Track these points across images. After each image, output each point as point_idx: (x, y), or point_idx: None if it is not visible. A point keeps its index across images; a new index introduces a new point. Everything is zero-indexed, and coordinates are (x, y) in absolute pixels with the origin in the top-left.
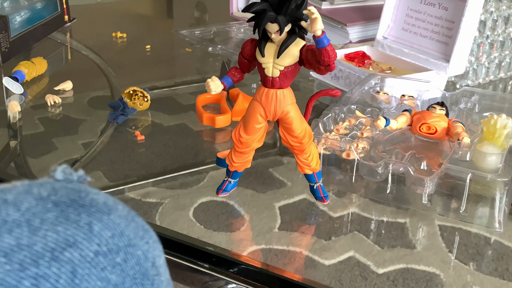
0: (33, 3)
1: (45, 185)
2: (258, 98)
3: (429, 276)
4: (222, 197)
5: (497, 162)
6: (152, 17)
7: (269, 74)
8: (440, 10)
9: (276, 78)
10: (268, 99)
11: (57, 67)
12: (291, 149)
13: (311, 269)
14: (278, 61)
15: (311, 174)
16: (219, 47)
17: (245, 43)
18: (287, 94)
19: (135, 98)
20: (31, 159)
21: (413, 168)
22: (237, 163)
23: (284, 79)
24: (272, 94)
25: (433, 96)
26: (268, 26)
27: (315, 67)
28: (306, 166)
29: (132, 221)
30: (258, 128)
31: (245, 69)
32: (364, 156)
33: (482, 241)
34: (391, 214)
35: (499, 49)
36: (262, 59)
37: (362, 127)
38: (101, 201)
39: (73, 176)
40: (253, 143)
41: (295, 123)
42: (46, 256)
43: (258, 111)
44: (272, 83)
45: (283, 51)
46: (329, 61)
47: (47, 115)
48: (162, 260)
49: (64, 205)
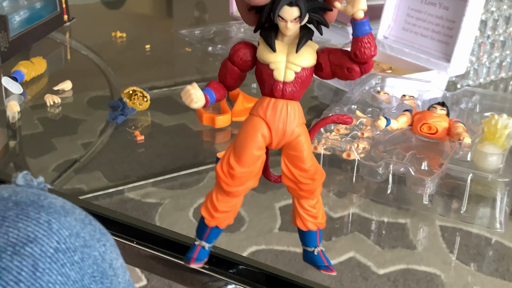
0: (32, 2)
1: (7, 188)
2: (261, 112)
3: (430, 277)
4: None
5: (498, 163)
6: (152, 16)
7: (280, 77)
8: (441, 9)
9: (290, 83)
10: (276, 114)
11: (56, 67)
12: (293, 191)
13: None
14: (294, 59)
15: (313, 232)
16: (219, 47)
17: (235, 47)
18: (300, 109)
19: (134, 98)
20: (31, 159)
21: (413, 168)
22: (220, 213)
23: (298, 86)
24: (281, 106)
25: (433, 96)
26: (285, 11)
27: (342, 69)
28: (310, 217)
29: (89, 224)
30: (258, 157)
31: (232, 82)
32: (365, 156)
33: (483, 241)
34: (391, 215)
35: (500, 49)
36: (272, 57)
37: (362, 127)
38: (59, 204)
39: (33, 182)
40: (249, 180)
41: (306, 150)
42: (8, 250)
43: (261, 130)
44: (283, 90)
45: (304, 43)
46: (371, 53)
47: (46, 115)
48: (119, 263)
49: (24, 204)
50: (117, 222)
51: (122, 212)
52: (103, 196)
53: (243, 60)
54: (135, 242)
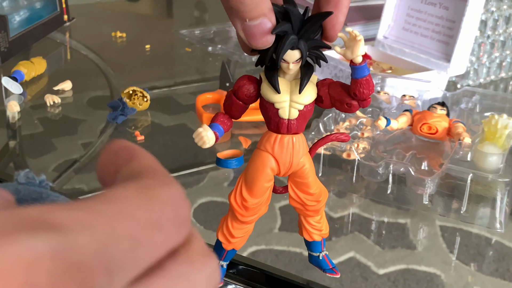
0: (32, 2)
1: (8, 187)
2: (268, 147)
3: (430, 277)
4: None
5: (498, 163)
6: (152, 16)
7: (285, 116)
8: (441, 9)
9: (294, 120)
10: (283, 148)
11: (56, 67)
12: (301, 211)
13: (311, 270)
14: (297, 98)
15: (318, 242)
16: (219, 47)
17: (240, 81)
18: (304, 141)
19: (134, 98)
20: (31, 159)
21: (414, 169)
22: (236, 238)
23: (302, 121)
24: (287, 141)
25: (434, 96)
26: (287, 54)
27: (342, 104)
28: (316, 231)
29: None
30: (267, 188)
31: (237, 114)
32: (365, 157)
33: (483, 241)
34: (391, 215)
35: (500, 49)
36: (276, 97)
37: (362, 127)
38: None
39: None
40: (261, 208)
41: (311, 177)
42: None
43: (269, 164)
44: (288, 127)
45: (305, 84)
46: (369, 92)
47: (46, 115)
48: None
49: (26, 203)
50: None
51: None
52: None
53: (247, 96)
54: None
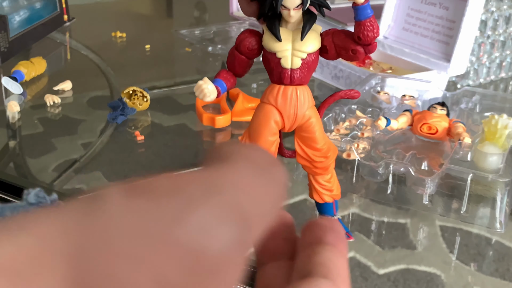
0: (32, 2)
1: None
2: (272, 100)
3: (430, 277)
4: None
5: (498, 163)
6: (152, 16)
7: (288, 65)
8: (441, 9)
9: (297, 70)
10: (287, 100)
11: (56, 67)
12: (309, 169)
13: None
14: (300, 46)
15: (330, 203)
16: (219, 47)
17: (241, 36)
18: (309, 92)
19: (134, 98)
20: (30, 159)
21: (414, 169)
22: None
23: (306, 71)
24: (291, 92)
25: (434, 96)
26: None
27: (347, 51)
28: (326, 191)
29: None
30: (272, 142)
31: (240, 70)
32: (365, 157)
33: (483, 241)
34: (391, 215)
35: (500, 49)
36: (278, 46)
37: (362, 127)
38: None
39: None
40: None
41: (318, 131)
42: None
43: (273, 117)
44: (291, 77)
45: (307, 30)
46: (374, 35)
47: (46, 115)
48: None
49: None
50: None
51: None
52: None
53: (249, 49)
54: None
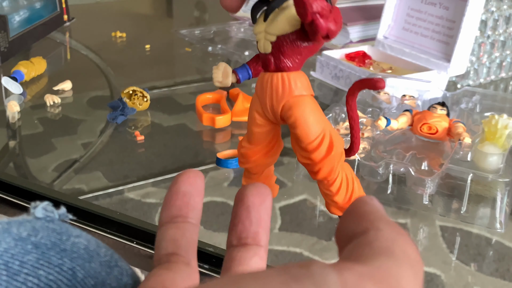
0: (32, 2)
1: (25, 224)
2: (256, 87)
3: (430, 277)
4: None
5: (498, 163)
6: (152, 16)
7: (261, 49)
8: (441, 9)
9: (270, 55)
10: (262, 88)
11: (56, 67)
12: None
13: None
14: (268, 28)
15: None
16: (219, 47)
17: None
18: (290, 80)
19: (134, 98)
20: (30, 159)
21: (414, 169)
22: None
23: (280, 55)
24: (266, 79)
25: (434, 96)
26: None
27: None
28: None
29: (115, 267)
30: (260, 133)
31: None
32: (365, 157)
33: (483, 241)
34: (392, 215)
35: (500, 49)
36: (255, 28)
37: (362, 127)
38: (82, 246)
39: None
40: (258, 157)
41: (301, 126)
42: None
43: (255, 108)
44: (265, 63)
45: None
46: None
47: (46, 115)
48: None
49: (45, 247)
50: (117, 222)
51: (122, 212)
52: (103, 196)
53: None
54: (135, 242)
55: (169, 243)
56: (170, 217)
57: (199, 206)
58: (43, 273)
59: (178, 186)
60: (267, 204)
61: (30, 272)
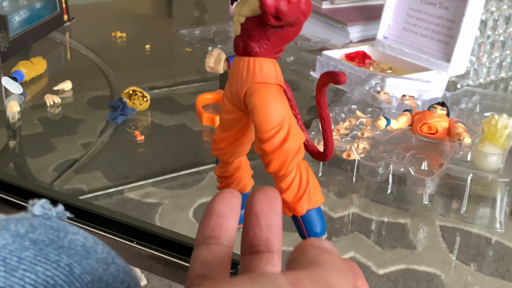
0: (32, 2)
1: (23, 221)
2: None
3: (430, 277)
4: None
5: (498, 163)
6: (152, 16)
7: (234, 31)
8: (441, 9)
9: (239, 37)
10: (232, 73)
11: (56, 67)
12: None
13: None
14: (239, 9)
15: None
16: (219, 47)
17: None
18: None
19: (134, 98)
20: (30, 159)
21: (414, 169)
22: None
23: (247, 39)
24: (235, 63)
25: (434, 96)
26: None
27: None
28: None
29: (112, 264)
30: (229, 120)
31: None
32: (365, 157)
33: (483, 241)
34: (391, 215)
35: (500, 49)
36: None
37: (362, 127)
38: (79, 243)
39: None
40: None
41: (258, 114)
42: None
43: (226, 92)
44: (235, 45)
45: None
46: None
47: (46, 115)
48: None
49: (43, 243)
50: (117, 222)
51: (122, 212)
52: (103, 196)
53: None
54: (135, 242)
55: (200, 265)
56: (204, 238)
57: (232, 227)
58: (41, 269)
59: (213, 207)
60: (277, 208)
61: (28, 268)
